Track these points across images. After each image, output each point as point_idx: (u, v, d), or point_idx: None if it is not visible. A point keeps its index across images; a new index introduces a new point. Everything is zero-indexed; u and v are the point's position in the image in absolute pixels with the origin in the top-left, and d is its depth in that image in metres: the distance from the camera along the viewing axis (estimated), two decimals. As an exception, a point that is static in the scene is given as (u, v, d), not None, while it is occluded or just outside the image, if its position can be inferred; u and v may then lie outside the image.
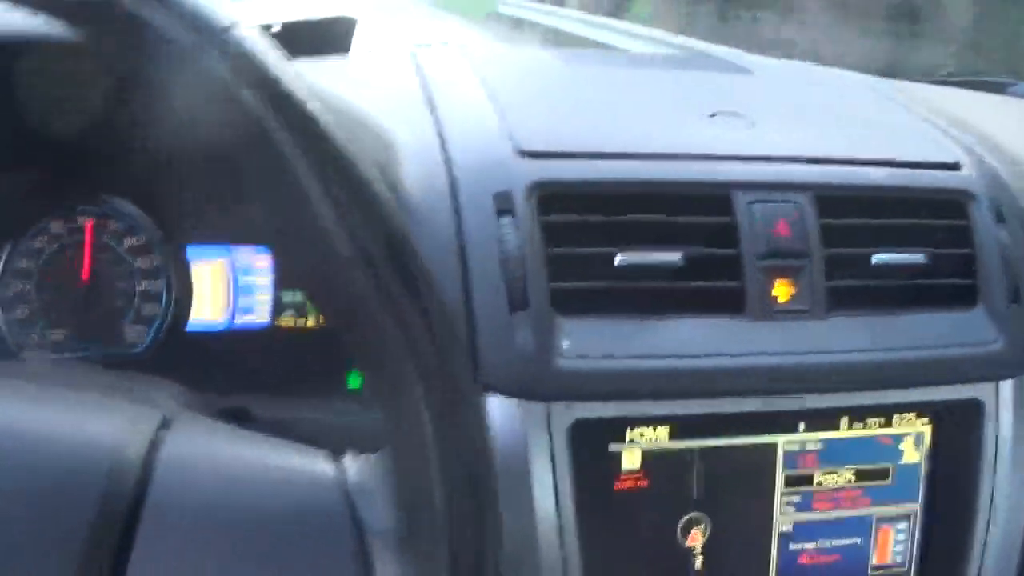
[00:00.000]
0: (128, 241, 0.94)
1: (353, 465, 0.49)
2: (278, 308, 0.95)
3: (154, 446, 0.47)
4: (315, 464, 0.49)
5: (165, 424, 0.49)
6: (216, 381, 0.92)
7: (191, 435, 0.49)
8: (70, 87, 0.82)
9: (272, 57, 0.46)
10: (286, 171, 0.45)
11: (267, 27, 1.05)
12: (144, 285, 0.93)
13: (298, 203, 0.45)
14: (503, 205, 0.81)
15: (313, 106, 0.46)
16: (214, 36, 0.44)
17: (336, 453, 0.50)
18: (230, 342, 0.95)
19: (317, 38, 1.08)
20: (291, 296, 0.95)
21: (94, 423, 0.47)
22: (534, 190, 0.82)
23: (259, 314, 0.95)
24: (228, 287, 0.94)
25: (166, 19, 0.44)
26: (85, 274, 0.93)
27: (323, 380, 0.92)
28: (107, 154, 0.92)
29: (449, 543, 0.45)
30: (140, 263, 0.94)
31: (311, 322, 0.95)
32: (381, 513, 0.47)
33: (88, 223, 0.94)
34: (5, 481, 0.43)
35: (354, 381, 0.92)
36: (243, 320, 0.95)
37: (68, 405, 0.50)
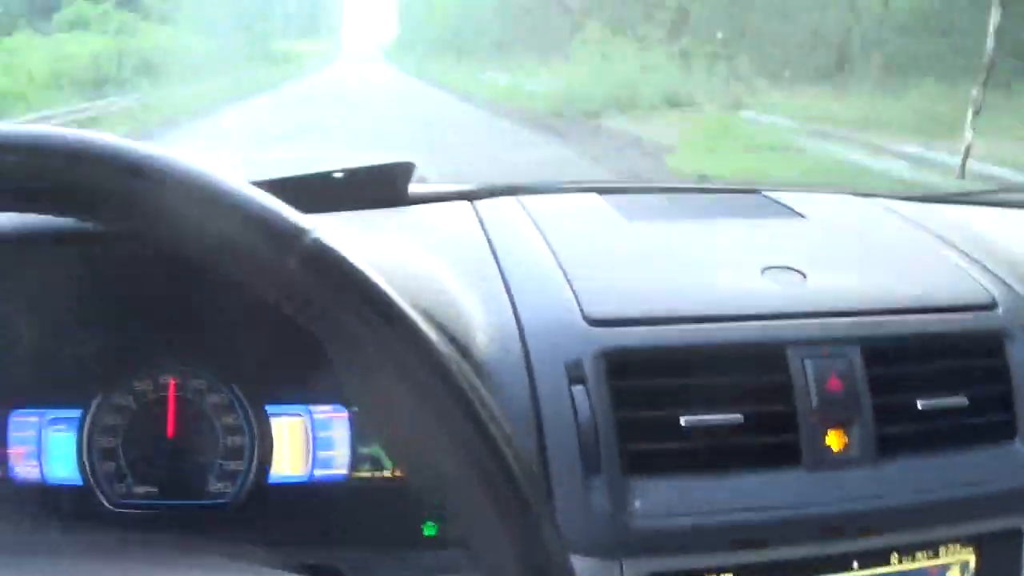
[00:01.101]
0: (210, 399, 0.98)
1: None
2: (356, 461, 0.99)
3: None
4: None
5: None
6: (297, 533, 0.97)
7: None
8: (150, 264, 0.86)
9: (351, 263, 0.48)
10: (371, 372, 0.48)
11: (328, 175, 1.09)
12: (228, 441, 0.98)
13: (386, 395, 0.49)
14: (575, 373, 0.86)
15: (398, 311, 0.48)
16: (291, 243, 0.47)
17: None
18: (310, 494, 0.99)
19: (377, 185, 1.12)
20: (367, 449, 0.99)
21: None
22: (603, 358, 0.87)
23: (338, 467, 0.99)
24: (307, 442, 0.99)
25: (240, 230, 0.47)
26: (170, 431, 0.98)
27: (400, 529, 0.96)
28: (188, 318, 0.97)
29: None
30: (223, 420, 0.98)
31: (387, 473, 0.99)
32: None
33: (172, 381, 0.98)
34: None
35: (430, 530, 0.96)
36: (322, 473, 0.99)
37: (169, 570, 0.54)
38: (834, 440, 0.89)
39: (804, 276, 0.99)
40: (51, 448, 0.99)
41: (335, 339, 0.49)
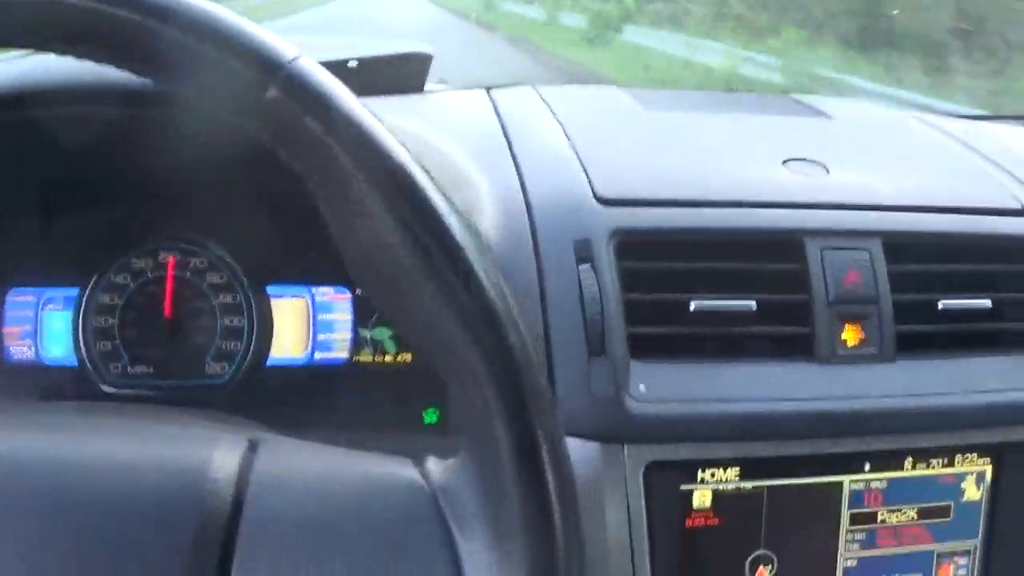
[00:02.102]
0: (210, 278, 0.96)
1: (436, 469, 0.52)
2: (357, 345, 0.97)
3: (245, 466, 0.50)
4: (400, 470, 0.52)
5: (252, 447, 0.52)
6: (295, 416, 0.95)
7: (278, 454, 0.52)
8: (150, 130, 0.84)
9: (338, 88, 0.47)
10: (364, 215, 0.47)
11: (343, 63, 1.07)
12: (226, 321, 0.96)
13: (381, 247, 0.47)
14: (583, 252, 0.83)
15: (384, 140, 0.47)
16: (278, 69, 0.46)
17: (416, 460, 0.53)
18: (309, 377, 0.97)
19: (393, 74, 1.09)
20: (369, 333, 0.97)
21: (186, 450, 0.50)
22: (613, 237, 0.84)
23: (338, 350, 0.97)
24: (308, 324, 0.97)
25: (227, 56, 0.46)
26: (167, 310, 0.96)
27: (400, 415, 0.94)
28: (188, 194, 0.95)
29: (529, 549, 0.47)
30: (222, 299, 0.96)
31: (389, 358, 0.97)
32: (466, 511, 0.49)
33: (170, 259, 0.97)
34: (109, 510, 0.46)
35: (430, 416, 0.94)
36: (322, 356, 0.97)
37: (159, 437, 0.53)
38: (850, 334, 0.86)
39: (827, 170, 0.95)
40: (47, 328, 0.98)
41: (320, 177, 0.47)
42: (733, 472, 0.83)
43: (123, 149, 0.91)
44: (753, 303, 0.84)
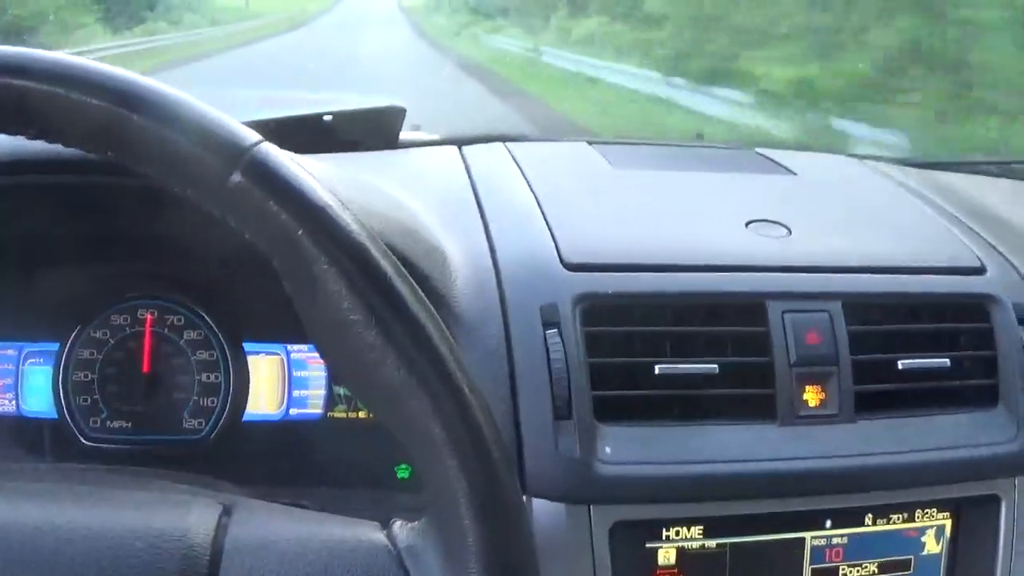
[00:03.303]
0: (187, 335, 0.98)
1: (402, 531, 0.53)
2: (331, 401, 0.99)
3: (220, 532, 0.51)
4: (368, 533, 0.53)
5: (226, 511, 0.53)
6: (271, 471, 0.96)
7: (252, 518, 0.53)
8: (129, 193, 0.86)
9: (300, 172, 0.49)
10: (326, 294, 0.48)
11: (319, 117, 1.09)
12: (203, 377, 0.98)
13: (342, 324, 0.49)
14: (549, 317, 0.85)
15: (344, 222, 0.49)
16: (241, 154, 0.48)
17: (383, 523, 0.55)
18: (285, 433, 0.99)
19: (368, 128, 1.11)
20: (343, 389, 0.99)
21: (163, 516, 0.51)
22: (578, 303, 0.86)
23: (313, 406, 0.99)
24: (283, 380, 0.99)
25: (191, 142, 0.47)
26: (146, 366, 0.97)
27: (374, 471, 0.96)
28: (167, 252, 0.96)
29: None
30: (199, 356, 0.98)
31: (363, 414, 0.99)
32: (429, 572, 0.51)
33: (148, 316, 0.98)
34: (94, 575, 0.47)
35: (403, 472, 0.96)
36: (298, 412, 0.99)
37: (136, 502, 0.54)
38: (811, 395, 0.88)
39: (789, 231, 0.97)
40: (27, 382, 0.99)
41: (283, 257, 0.49)
42: (697, 530, 0.85)
43: (103, 209, 0.93)
44: (716, 366, 0.86)
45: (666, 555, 0.85)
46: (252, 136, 0.49)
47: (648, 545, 0.85)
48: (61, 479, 0.61)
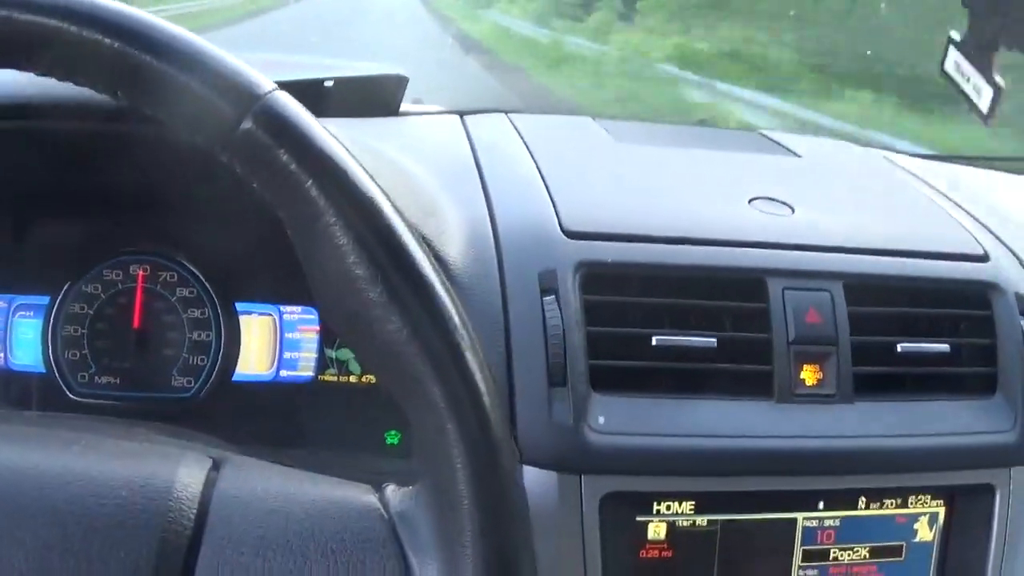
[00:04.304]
0: (180, 292, 0.97)
1: (395, 496, 0.52)
2: (322, 364, 0.98)
3: (208, 486, 0.50)
4: (360, 496, 0.52)
5: (216, 466, 0.52)
6: (259, 432, 0.95)
7: (241, 474, 0.52)
8: (127, 145, 0.85)
9: (312, 122, 0.48)
10: (332, 247, 0.48)
11: (320, 82, 1.08)
12: (194, 336, 0.97)
13: (346, 278, 0.48)
14: (547, 284, 0.84)
15: (355, 175, 0.48)
16: (253, 101, 0.47)
17: (375, 486, 0.54)
18: (274, 395, 0.98)
19: (369, 95, 1.10)
20: (335, 353, 0.98)
21: (150, 467, 0.50)
22: (578, 270, 0.85)
23: (303, 369, 0.98)
24: (275, 341, 0.98)
25: (203, 85, 0.47)
26: (136, 322, 0.96)
27: (362, 436, 0.95)
28: (162, 208, 0.95)
29: None
30: (190, 314, 0.97)
31: (353, 379, 0.98)
32: (422, 538, 0.50)
33: (140, 272, 0.97)
34: (71, 522, 0.46)
35: (392, 438, 0.95)
36: (288, 374, 0.98)
37: (124, 451, 0.53)
38: (808, 374, 0.87)
39: (792, 209, 0.97)
40: (16, 334, 0.98)
41: (290, 208, 0.48)
42: (688, 505, 0.84)
43: (100, 161, 0.92)
44: (714, 340, 0.85)
45: (656, 530, 0.84)
46: (266, 84, 0.49)
47: (639, 519, 0.84)
48: (49, 426, 0.60)
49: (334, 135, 0.49)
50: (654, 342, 0.85)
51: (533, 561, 0.51)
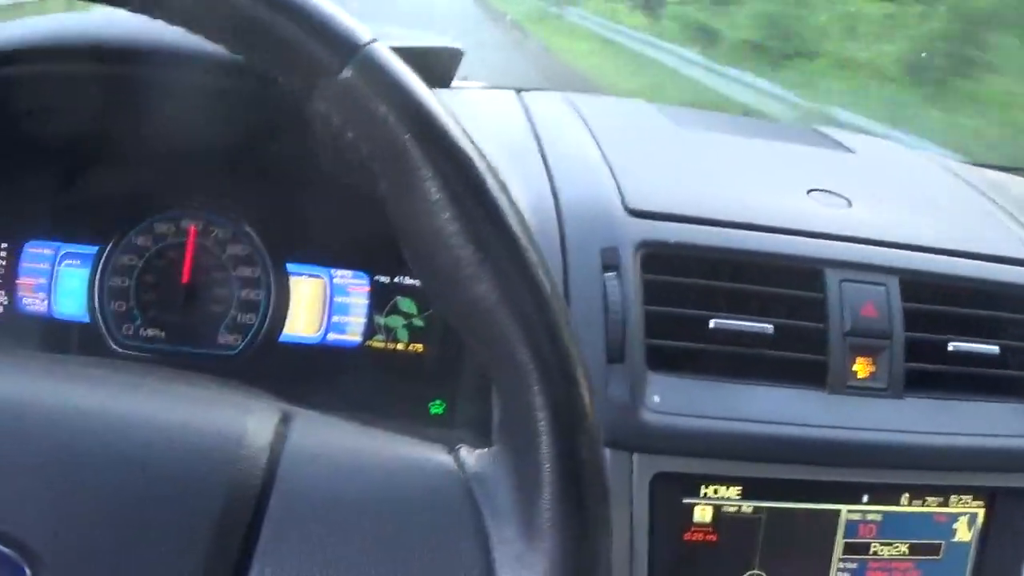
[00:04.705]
0: (231, 249, 0.96)
1: (470, 457, 0.51)
2: (370, 330, 0.98)
3: (278, 438, 0.49)
4: (434, 455, 0.51)
5: (285, 419, 0.51)
6: (302, 394, 0.95)
7: (312, 428, 0.51)
8: (189, 95, 0.84)
9: (411, 75, 0.47)
10: (426, 203, 0.46)
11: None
12: (243, 294, 0.96)
13: (440, 236, 0.47)
14: (609, 260, 0.84)
15: (453, 131, 0.47)
16: (355, 50, 0.46)
17: (449, 447, 0.52)
18: (320, 358, 0.97)
19: (422, 67, 1.09)
20: (383, 320, 0.98)
21: (219, 414, 0.49)
22: (640, 249, 0.85)
23: (351, 334, 0.98)
24: (324, 304, 0.97)
25: (304, 32, 0.46)
26: (186, 276, 0.96)
27: (407, 404, 0.95)
28: (219, 164, 0.95)
29: (559, 542, 0.47)
30: (240, 272, 0.96)
31: (401, 346, 0.97)
32: (499, 501, 0.49)
33: (192, 227, 0.97)
34: (138, 465, 0.45)
35: (437, 408, 0.95)
36: (335, 338, 0.98)
37: (191, 398, 0.52)
38: (861, 367, 0.87)
39: (849, 203, 0.97)
40: (61, 283, 0.97)
41: (385, 161, 0.48)
42: (735, 491, 0.84)
43: (160, 113, 0.91)
44: (771, 327, 0.86)
45: (702, 513, 0.84)
46: (368, 33, 0.48)
47: (685, 501, 0.84)
48: (111, 369, 0.59)
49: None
50: (711, 325, 0.85)
51: (610, 529, 0.50)
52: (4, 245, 0.97)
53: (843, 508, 0.86)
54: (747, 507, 0.85)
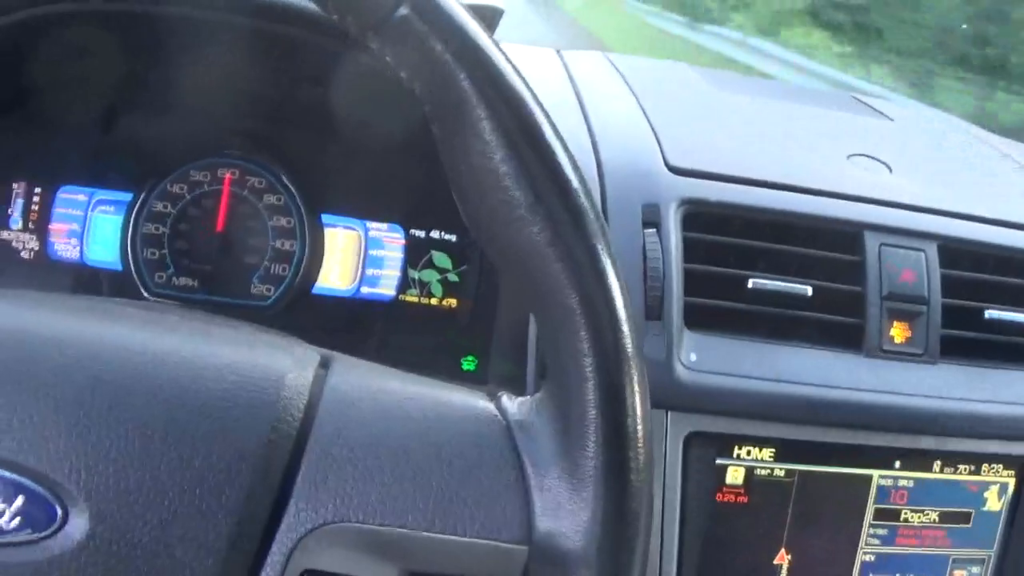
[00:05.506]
0: (267, 199, 0.96)
1: (512, 404, 0.51)
2: (404, 284, 0.97)
3: (318, 381, 0.49)
4: (476, 401, 0.51)
5: (324, 363, 0.51)
6: (334, 347, 0.95)
7: (351, 372, 0.51)
8: (230, 42, 0.84)
9: (467, 16, 0.47)
10: (479, 141, 0.46)
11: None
12: (277, 244, 0.96)
13: (491, 176, 0.47)
14: (650, 217, 0.84)
15: (508, 72, 0.47)
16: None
17: (490, 394, 0.52)
18: (353, 310, 0.97)
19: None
20: (417, 274, 0.97)
21: (260, 355, 0.49)
22: (681, 206, 0.85)
23: (384, 287, 0.97)
24: (358, 257, 0.97)
25: None
26: (220, 225, 0.95)
27: (439, 359, 0.94)
28: (257, 112, 0.94)
29: (604, 490, 0.47)
30: (276, 222, 0.96)
31: (434, 301, 0.97)
32: (542, 448, 0.49)
33: (228, 175, 0.96)
34: (180, 402, 0.45)
35: (468, 364, 0.95)
36: (369, 291, 0.97)
37: (231, 338, 0.52)
38: (898, 331, 0.87)
39: (890, 169, 0.96)
40: (94, 229, 0.97)
41: (439, 100, 0.47)
42: (768, 452, 0.84)
43: (199, 58, 0.90)
44: (809, 288, 0.85)
45: (735, 474, 0.84)
46: None
47: (719, 461, 0.83)
48: (151, 309, 0.59)
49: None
50: (750, 285, 0.85)
51: (652, 477, 0.50)
52: (38, 190, 0.97)
53: (875, 473, 0.86)
54: (779, 470, 0.84)
